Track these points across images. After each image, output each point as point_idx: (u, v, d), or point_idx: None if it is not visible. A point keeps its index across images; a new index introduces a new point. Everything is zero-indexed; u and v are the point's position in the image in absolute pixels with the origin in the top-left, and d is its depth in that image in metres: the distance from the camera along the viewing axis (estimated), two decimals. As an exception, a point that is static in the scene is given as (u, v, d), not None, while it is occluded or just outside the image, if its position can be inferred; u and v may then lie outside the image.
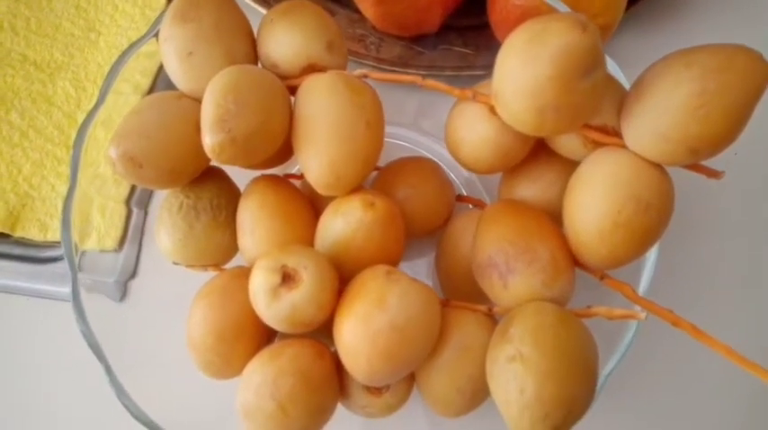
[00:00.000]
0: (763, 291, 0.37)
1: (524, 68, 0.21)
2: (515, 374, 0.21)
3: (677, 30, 0.41)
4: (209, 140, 0.23)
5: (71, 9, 0.43)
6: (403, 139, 0.39)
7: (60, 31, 0.42)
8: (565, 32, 0.20)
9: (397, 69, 0.38)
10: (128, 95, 0.34)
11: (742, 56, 0.20)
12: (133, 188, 0.35)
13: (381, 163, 0.31)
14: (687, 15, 0.41)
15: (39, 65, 0.41)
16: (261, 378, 0.24)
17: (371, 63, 0.38)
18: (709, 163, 0.23)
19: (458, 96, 0.26)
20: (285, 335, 0.26)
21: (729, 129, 0.21)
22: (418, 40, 0.38)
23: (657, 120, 0.21)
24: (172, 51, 0.26)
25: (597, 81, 0.21)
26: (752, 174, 0.39)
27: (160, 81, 0.37)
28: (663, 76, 0.21)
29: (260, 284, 0.23)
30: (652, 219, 0.23)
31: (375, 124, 0.26)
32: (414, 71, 0.38)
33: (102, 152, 0.30)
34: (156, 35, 0.28)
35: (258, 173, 0.30)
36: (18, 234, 0.38)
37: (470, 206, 0.34)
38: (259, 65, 0.28)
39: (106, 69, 0.41)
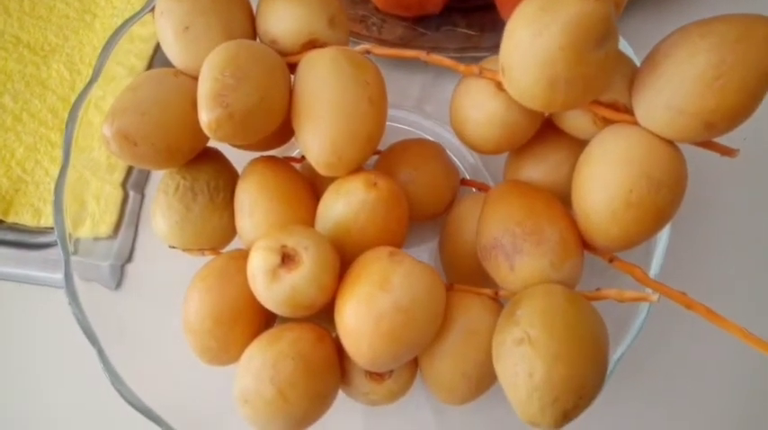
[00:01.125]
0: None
1: (534, 39, 0.20)
2: (524, 357, 0.21)
3: (687, 10, 0.40)
4: (205, 116, 0.22)
5: (66, -10, 0.42)
6: (406, 123, 0.38)
7: (54, 12, 0.42)
8: (577, 0, 0.19)
9: (399, 51, 0.37)
10: (123, 78, 0.33)
11: (761, 26, 0.20)
12: (129, 171, 0.34)
13: (383, 147, 0.31)
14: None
15: (32, 47, 0.41)
16: (260, 362, 0.23)
17: (374, 44, 0.37)
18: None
19: (463, 72, 0.25)
20: (285, 319, 0.25)
21: (747, 101, 0.20)
22: (421, 20, 0.38)
23: (672, 93, 0.21)
24: (168, 26, 0.25)
25: (609, 52, 0.21)
26: (762, 158, 0.38)
27: (156, 63, 0.37)
28: (678, 47, 0.21)
29: (259, 265, 0.22)
30: (665, 199, 0.22)
31: (378, 101, 0.25)
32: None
33: (97, 136, 0.30)
34: (153, 11, 0.27)
35: (257, 154, 0.29)
36: (11, 219, 0.37)
37: (474, 190, 0.34)
38: (258, 41, 0.27)
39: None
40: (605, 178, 0.22)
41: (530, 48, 0.20)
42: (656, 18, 0.40)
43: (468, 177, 0.37)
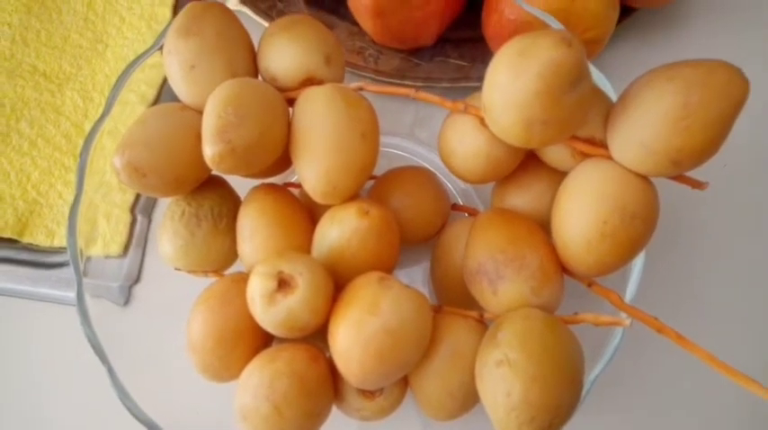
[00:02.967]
0: (747, 300, 0.37)
1: (512, 83, 0.22)
2: (503, 378, 0.22)
3: (667, 43, 0.41)
4: (209, 151, 0.23)
5: (80, 21, 0.43)
6: (400, 149, 0.39)
7: (69, 42, 0.43)
8: (551, 48, 0.21)
9: (395, 81, 0.38)
10: (134, 105, 0.34)
11: (722, 71, 0.21)
12: (138, 196, 0.35)
13: (378, 172, 0.32)
14: (676, 29, 0.41)
15: (48, 75, 0.42)
16: (257, 380, 0.24)
17: (370, 75, 0.38)
18: (698, 174, 0.24)
19: (449, 108, 0.26)
20: (282, 340, 0.26)
21: (710, 141, 0.21)
22: (415, 52, 0.39)
23: (642, 132, 0.22)
24: (175, 64, 0.26)
25: (583, 94, 0.22)
26: (740, 185, 0.39)
27: (165, 91, 0.38)
28: (647, 90, 0.22)
29: (257, 289, 0.23)
30: (637, 230, 0.23)
31: (370, 136, 0.26)
32: (411, 83, 0.38)
33: (109, 160, 0.31)
34: (161, 48, 0.28)
35: (258, 182, 0.31)
36: (26, 240, 0.38)
37: (465, 215, 0.35)
38: (259, 77, 0.28)
39: (113, 80, 0.41)
40: (581, 210, 0.23)
41: (508, 90, 0.22)
42: (637, 50, 0.41)
43: (459, 201, 0.38)
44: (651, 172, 0.23)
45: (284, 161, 0.28)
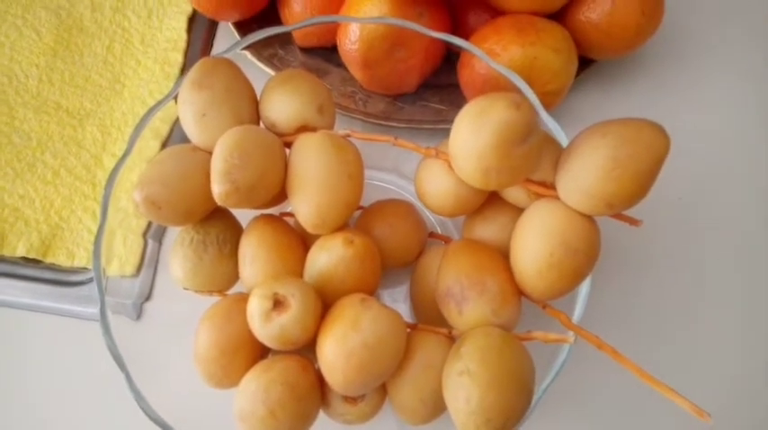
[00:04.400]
0: (686, 327, 0.40)
1: (473, 137, 0.25)
2: (463, 386, 0.25)
3: (623, 91, 0.45)
4: (217, 189, 0.27)
5: (100, 63, 0.47)
6: (385, 182, 0.42)
7: (90, 82, 0.46)
8: (503, 110, 0.24)
9: (381, 122, 0.42)
10: (148, 140, 0.37)
11: (648, 129, 0.24)
12: (150, 223, 0.38)
13: (365, 202, 0.35)
14: (632, 79, 0.45)
15: (70, 112, 0.45)
16: (254, 387, 0.27)
17: (360, 116, 0.42)
18: (655, 205, 0.27)
19: (423, 154, 0.30)
20: (276, 352, 0.30)
21: (638, 188, 0.25)
22: (400, 97, 0.42)
23: (581, 180, 0.25)
24: (189, 112, 0.30)
25: (532, 147, 0.25)
26: (694, 216, 0.42)
27: (177, 127, 0.41)
28: (585, 144, 0.25)
29: (255, 309, 0.26)
30: (580, 262, 0.26)
31: (356, 176, 0.30)
32: (396, 124, 0.42)
33: (124, 188, 0.34)
34: (175, 98, 0.32)
35: (258, 212, 0.34)
36: (49, 260, 0.41)
37: (441, 242, 0.38)
38: (261, 123, 0.32)
39: (129, 117, 0.45)
40: (532, 244, 0.27)
41: (469, 144, 0.25)
42: (594, 96, 0.45)
43: (437, 228, 0.42)
44: (591, 212, 0.26)
45: (281, 195, 0.31)
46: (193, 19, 0.48)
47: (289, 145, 0.31)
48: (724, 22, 0.47)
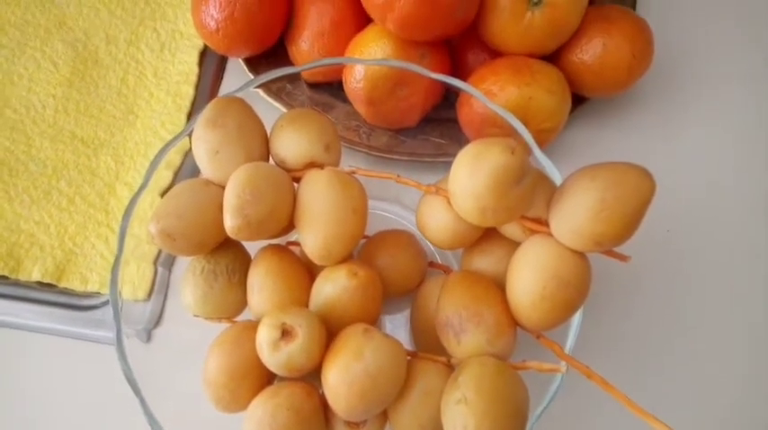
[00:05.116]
0: (673, 358, 0.41)
1: (470, 179, 0.27)
2: (460, 414, 0.26)
3: (615, 128, 0.47)
4: (229, 223, 0.28)
5: (114, 95, 0.49)
6: (388, 212, 0.44)
7: (104, 112, 0.48)
8: (499, 155, 0.26)
9: (384, 155, 0.43)
10: (162, 170, 0.39)
11: (633, 173, 0.26)
12: (160, 251, 0.40)
13: (369, 231, 0.36)
14: (623, 116, 0.47)
15: (85, 141, 0.47)
16: (262, 411, 0.28)
17: (364, 149, 0.43)
18: (644, 239, 0.28)
19: (424, 191, 0.31)
20: (282, 378, 0.31)
21: (625, 228, 0.26)
22: (402, 131, 0.44)
23: (572, 220, 0.27)
24: (203, 149, 0.31)
25: (525, 188, 0.27)
26: (681, 248, 0.44)
27: (189, 157, 0.43)
28: (575, 186, 0.27)
29: (264, 338, 0.28)
30: (571, 295, 0.28)
31: (360, 211, 0.31)
32: (398, 157, 0.43)
33: (137, 216, 0.35)
34: (190, 134, 0.33)
35: (266, 242, 0.35)
36: (63, 285, 0.43)
37: (441, 271, 0.39)
38: (271, 160, 0.33)
39: (142, 147, 0.46)
40: (526, 277, 0.28)
41: (466, 185, 0.27)
42: (588, 133, 0.46)
43: (437, 257, 0.43)
44: (581, 249, 0.28)
45: (289, 227, 0.33)
46: (204, 53, 0.50)
47: (297, 180, 0.32)
48: (714, 61, 0.49)
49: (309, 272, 0.34)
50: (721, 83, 0.48)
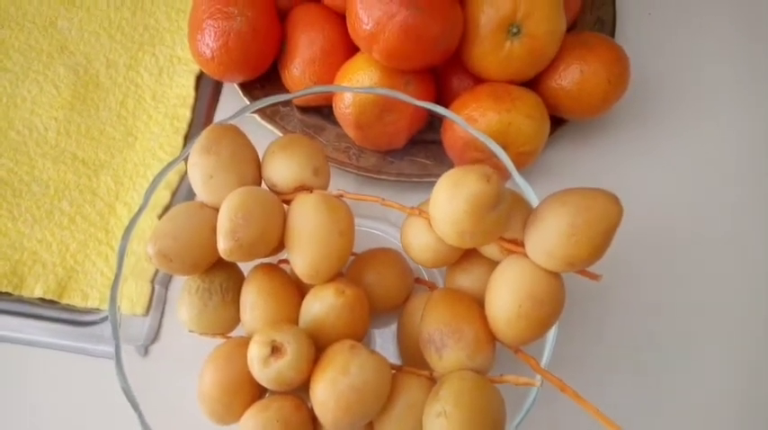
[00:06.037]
0: (638, 370, 0.43)
1: (448, 204, 0.28)
2: (440, 426, 0.27)
3: (592, 149, 0.48)
4: (222, 246, 0.30)
5: (114, 117, 0.50)
6: (375, 229, 0.45)
7: (104, 134, 0.49)
8: (475, 182, 0.27)
9: (373, 176, 0.45)
10: (161, 190, 0.40)
11: (602, 198, 0.27)
12: (157, 270, 0.41)
13: (358, 248, 0.38)
14: (600, 138, 0.48)
15: (86, 162, 0.48)
16: (253, 424, 0.29)
17: (353, 170, 0.45)
18: (621, 254, 0.30)
19: (407, 213, 0.33)
20: (273, 392, 0.32)
21: (595, 250, 0.27)
22: (390, 152, 0.46)
23: (545, 243, 0.28)
24: (198, 174, 0.33)
25: (501, 213, 0.28)
26: (654, 268, 0.45)
27: (186, 179, 0.44)
28: (548, 210, 0.28)
29: (255, 354, 0.29)
30: (546, 313, 0.29)
31: (347, 233, 0.32)
32: (386, 177, 0.45)
33: (135, 235, 0.36)
34: (186, 159, 0.35)
35: (258, 261, 0.36)
36: (65, 301, 0.44)
37: (426, 288, 0.41)
38: (263, 183, 0.35)
39: (141, 168, 0.48)
40: (503, 296, 0.29)
41: (445, 210, 0.28)
42: (566, 153, 0.48)
43: (423, 274, 0.44)
44: (555, 269, 0.29)
45: (279, 247, 0.34)
46: (201, 77, 0.51)
47: (288, 202, 0.34)
48: (687, 86, 0.50)
49: (299, 289, 0.35)
50: (694, 106, 0.50)
